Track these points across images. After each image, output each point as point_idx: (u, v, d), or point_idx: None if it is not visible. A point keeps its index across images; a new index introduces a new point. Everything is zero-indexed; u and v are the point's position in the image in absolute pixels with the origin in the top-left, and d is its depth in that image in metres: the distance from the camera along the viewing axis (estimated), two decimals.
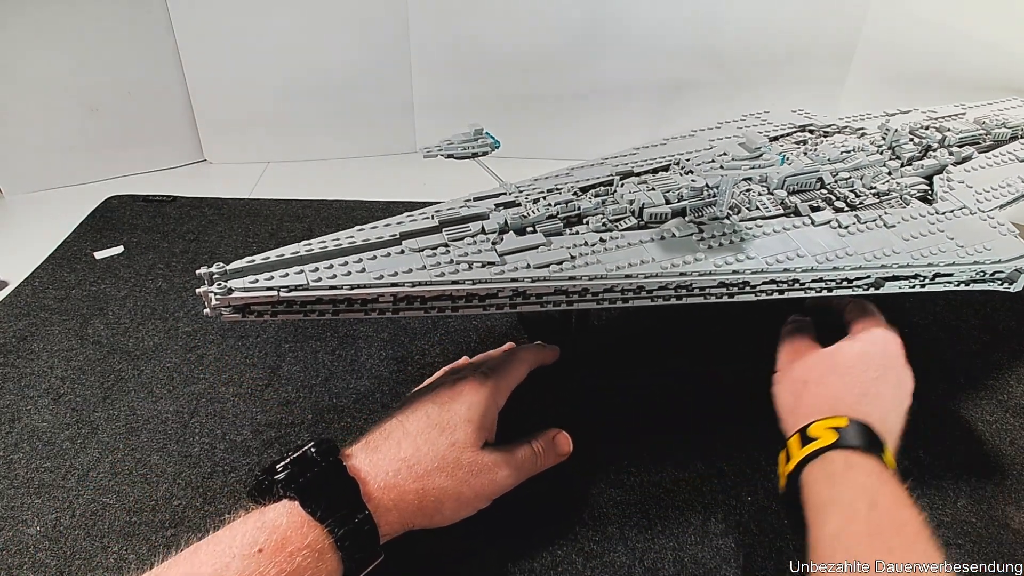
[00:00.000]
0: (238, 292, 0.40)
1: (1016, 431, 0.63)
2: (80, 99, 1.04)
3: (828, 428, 0.44)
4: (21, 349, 0.70)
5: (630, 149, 0.64)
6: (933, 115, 0.77)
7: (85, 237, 0.91)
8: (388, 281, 0.43)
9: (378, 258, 0.45)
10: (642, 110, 1.18)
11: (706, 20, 1.08)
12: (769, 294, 0.51)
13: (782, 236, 0.53)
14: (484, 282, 0.44)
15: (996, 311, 0.79)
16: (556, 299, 0.47)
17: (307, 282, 0.42)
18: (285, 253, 0.44)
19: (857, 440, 0.42)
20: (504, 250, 0.47)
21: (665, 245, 0.50)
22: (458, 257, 0.46)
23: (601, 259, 0.48)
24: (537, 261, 0.46)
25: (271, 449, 0.59)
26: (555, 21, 1.10)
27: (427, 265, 0.45)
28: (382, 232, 0.48)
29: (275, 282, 0.41)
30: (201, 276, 0.41)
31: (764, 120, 0.73)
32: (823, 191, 0.59)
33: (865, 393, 0.47)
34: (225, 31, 1.08)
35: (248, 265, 0.42)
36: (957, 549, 0.53)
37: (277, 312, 0.42)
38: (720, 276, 0.48)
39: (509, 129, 1.20)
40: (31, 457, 0.58)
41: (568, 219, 0.51)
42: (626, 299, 0.48)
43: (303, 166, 1.18)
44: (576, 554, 0.51)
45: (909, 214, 0.57)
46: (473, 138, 0.55)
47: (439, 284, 0.44)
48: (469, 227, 0.49)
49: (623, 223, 0.52)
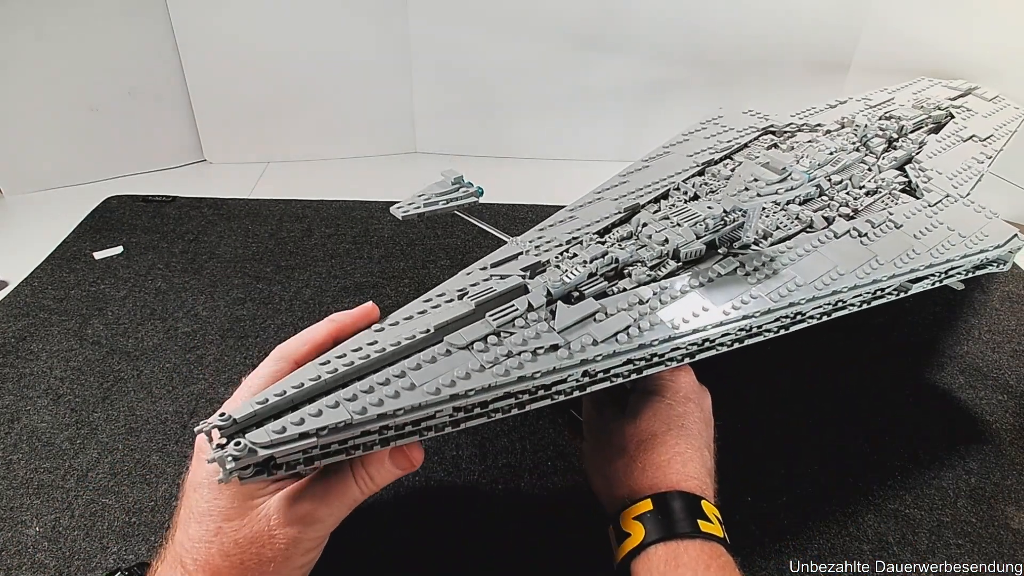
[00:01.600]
0: (262, 450, 0.32)
1: (1016, 431, 0.63)
2: (80, 99, 1.04)
3: (634, 520, 0.40)
4: (20, 349, 0.70)
5: (616, 178, 0.62)
6: (869, 102, 0.79)
7: (84, 237, 0.91)
8: (447, 395, 0.36)
9: (423, 367, 0.37)
10: (635, 110, 1.19)
11: (692, 23, 1.10)
12: (819, 318, 0.49)
13: (815, 256, 0.51)
14: (554, 372, 0.38)
15: (996, 310, 0.79)
16: (625, 370, 0.42)
17: (351, 417, 0.33)
18: (303, 382, 0.35)
19: (663, 529, 0.39)
20: (562, 326, 0.41)
21: (715, 287, 0.47)
22: (517, 347, 0.39)
23: (662, 318, 0.43)
24: (602, 334, 0.41)
25: None
26: (556, 21, 1.10)
27: (483, 364, 0.38)
28: (410, 328, 0.39)
29: (308, 425, 0.33)
30: (203, 433, 0.33)
31: (724, 126, 0.73)
32: (823, 198, 0.60)
33: (670, 453, 0.43)
34: (225, 31, 1.08)
35: (262, 408, 0.33)
36: (957, 549, 0.53)
37: (313, 459, 0.34)
38: (778, 312, 0.46)
39: (510, 129, 1.22)
40: (30, 458, 0.58)
41: (606, 274, 0.47)
42: (692, 354, 0.44)
43: (303, 166, 1.19)
44: (576, 554, 0.51)
45: (909, 210, 0.58)
46: (452, 188, 0.51)
47: (506, 385, 0.37)
48: (515, 306, 0.41)
49: (663, 268, 0.48)
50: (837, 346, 0.72)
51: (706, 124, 0.74)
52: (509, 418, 0.50)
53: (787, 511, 0.55)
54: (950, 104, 0.81)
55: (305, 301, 0.79)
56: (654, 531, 0.39)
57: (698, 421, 0.46)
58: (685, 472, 0.42)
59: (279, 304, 0.78)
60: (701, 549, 0.39)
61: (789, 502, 0.56)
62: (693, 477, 0.42)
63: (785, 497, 0.56)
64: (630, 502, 0.41)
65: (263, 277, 0.83)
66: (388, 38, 1.11)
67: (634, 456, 0.44)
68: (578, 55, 1.13)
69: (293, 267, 0.85)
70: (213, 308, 0.77)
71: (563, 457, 0.59)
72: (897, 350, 0.73)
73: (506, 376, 0.37)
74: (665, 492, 0.41)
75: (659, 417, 0.45)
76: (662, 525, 0.39)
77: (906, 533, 0.54)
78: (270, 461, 0.33)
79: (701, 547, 0.39)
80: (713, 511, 0.41)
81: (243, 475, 0.32)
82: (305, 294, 0.80)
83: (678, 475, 0.42)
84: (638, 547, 0.39)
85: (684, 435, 0.44)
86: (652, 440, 0.44)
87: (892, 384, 0.68)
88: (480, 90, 1.18)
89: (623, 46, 1.12)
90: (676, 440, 0.44)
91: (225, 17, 1.06)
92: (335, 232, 0.93)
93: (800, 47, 1.11)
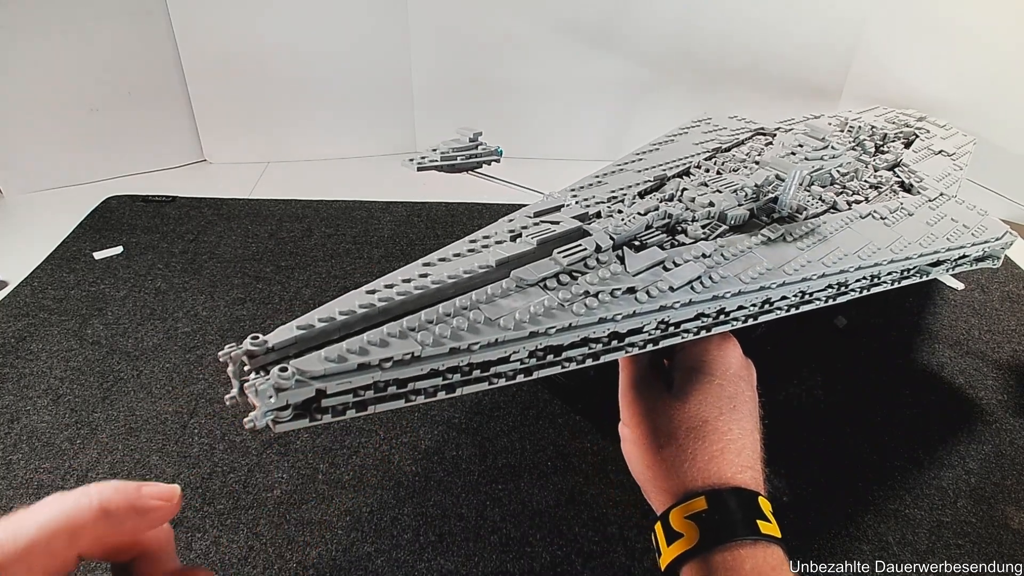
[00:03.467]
0: (314, 381, 0.26)
1: (1016, 431, 0.63)
2: (80, 99, 1.04)
3: (687, 519, 0.37)
4: (20, 349, 0.70)
5: (631, 155, 0.63)
6: (842, 119, 0.82)
7: (84, 237, 0.91)
8: (528, 331, 0.32)
9: (496, 302, 0.33)
10: (631, 105, 1.19)
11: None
12: (859, 292, 0.49)
13: (849, 232, 0.51)
14: (634, 316, 0.36)
15: (996, 310, 0.79)
16: (695, 326, 0.40)
17: (420, 348, 0.29)
18: (354, 308, 0.30)
19: (720, 533, 0.36)
20: (635, 270, 0.39)
21: (770, 250, 0.46)
22: (594, 287, 0.36)
23: (730, 272, 0.42)
24: (678, 281, 0.39)
25: (270, 449, 0.59)
26: (556, 21, 1.10)
27: (561, 302, 0.35)
28: (468, 263, 0.36)
29: (372, 355, 0.28)
30: (230, 360, 0.27)
31: (716, 125, 0.74)
32: (836, 185, 0.61)
33: (723, 441, 0.40)
34: (225, 31, 1.08)
35: (306, 334, 0.28)
36: (957, 549, 0.53)
37: (365, 404, 0.29)
38: (831, 278, 0.46)
39: (509, 129, 1.22)
40: (30, 458, 0.58)
41: (660, 229, 0.46)
42: (755, 316, 0.43)
43: (303, 166, 1.18)
44: (576, 555, 0.51)
45: (916, 202, 0.59)
46: (470, 145, 0.47)
47: (588, 325, 0.34)
48: (583, 245, 0.39)
49: (713, 230, 0.47)
50: (837, 346, 0.72)
51: (698, 123, 0.75)
52: (519, 413, 0.50)
53: (787, 511, 0.55)
54: (915, 124, 0.85)
55: (305, 301, 0.79)
56: (711, 535, 0.36)
57: (749, 401, 0.43)
58: (740, 463, 0.40)
59: (279, 304, 0.78)
60: (763, 557, 0.36)
61: (789, 502, 0.56)
62: (748, 468, 0.40)
63: (785, 497, 0.56)
64: (682, 498, 0.39)
65: (263, 277, 0.83)
66: (388, 38, 1.11)
67: (683, 445, 0.40)
68: (578, 56, 1.13)
69: (293, 267, 0.85)
70: (213, 308, 0.77)
71: (563, 457, 0.59)
72: (896, 350, 0.73)
73: (588, 315, 0.34)
74: (721, 489, 0.38)
75: (710, 400, 0.42)
76: (719, 528, 0.37)
77: (906, 533, 0.54)
78: (315, 401, 0.27)
79: (763, 553, 0.36)
80: (768, 507, 0.39)
81: (280, 418, 0.26)
82: (305, 294, 0.80)
83: (732, 467, 0.39)
84: (693, 550, 0.37)
85: (736, 419, 0.41)
86: (704, 427, 0.41)
87: (891, 384, 0.68)
88: (480, 90, 1.18)
89: (622, 47, 1.12)
90: (728, 426, 0.41)
91: (225, 17, 1.06)
92: (335, 232, 0.93)
93: (791, 70, 1.14)
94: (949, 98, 1.01)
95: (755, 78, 1.14)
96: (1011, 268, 0.88)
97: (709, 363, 0.44)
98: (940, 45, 1.05)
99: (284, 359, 0.27)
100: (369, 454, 0.59)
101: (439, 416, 0.62)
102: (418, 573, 0.49)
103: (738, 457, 0.40)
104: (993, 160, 0.98)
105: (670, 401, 0.43)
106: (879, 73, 1.10)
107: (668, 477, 0.40)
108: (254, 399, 0.25)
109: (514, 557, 0.51)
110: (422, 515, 0.54)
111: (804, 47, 1.12)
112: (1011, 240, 0.58)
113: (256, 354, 0.27)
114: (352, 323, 0.30)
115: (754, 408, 0.44)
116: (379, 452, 0.59)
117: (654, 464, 0.42)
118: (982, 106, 1.01)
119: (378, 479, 0.56)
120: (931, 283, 0.73)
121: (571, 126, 1.22)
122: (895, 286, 0.52)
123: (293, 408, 0.26)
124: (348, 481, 0.56)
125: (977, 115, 0.98)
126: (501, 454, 0.59)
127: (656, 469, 0.41)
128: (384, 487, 0.56)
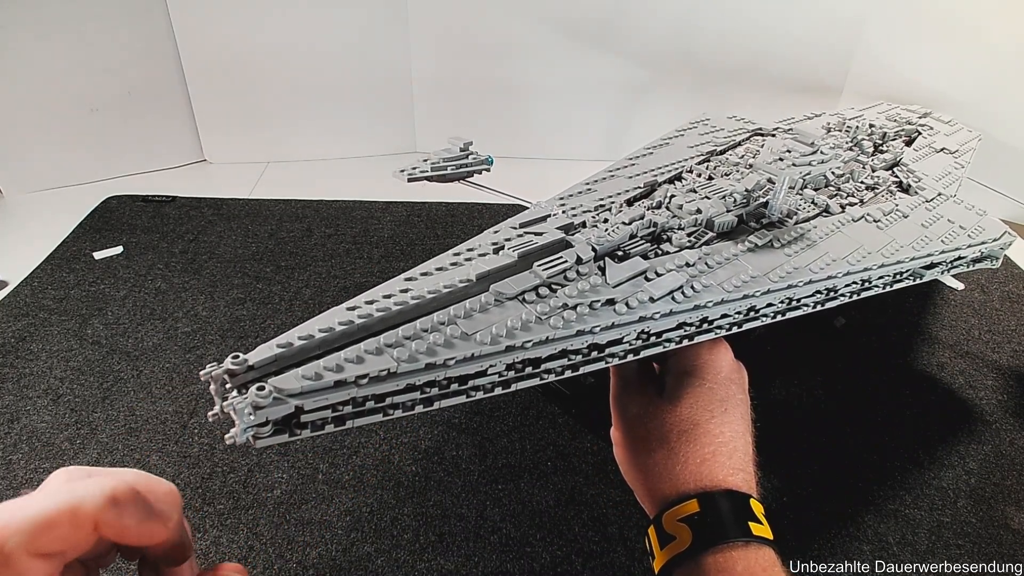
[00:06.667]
0: (291, 399, 0.27)
1: (1016, 431, 0.63)
2: (80, 99, 1.04)
3: (679, 522, 0.38)
4: (20, 349, 0.70)
5: (624, 160, 0.63)
6: (842, 116, 0.81)
7: (84, 237, 0.91)
8: (504, 345, 0.32)
9: (474, 315, 0.34)
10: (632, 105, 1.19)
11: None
12: (848, 297, 0.49)
13: (840, 236, 0.51)
14: (612, 327, 0.36)
15: (996, 310, 0.79)
16: (676, 336, 0.40)
17: (396, 365, 0.29)
18: (333, 326, 0.30)
19: (712, 535, 0.37)
20: (615, 281, 0.39)
21: (756, 257, 0.46)
22: (572, 299, 0.36)
23: (712, 281, 0.42)
24: (658, 291, 0.39)
25: (269, 449, 0.59)
26: (557, 23, 1.10)
27: (539, 315, 0.35)
28: (448, 277, 0.36)
29: (347, 372, 0.28)
30: (211, 379, 0.27)
31: (714, 127, 0.74)
32: (830, 188, 0.60)
33: (714, 443, 0.40)
34: (225, 31, 1.08)
35: (285, 352, 0.28)
36: (957, 549, 0.53)
37: (344, 419, 0.29)
38: (818, 284, 0.45)
39: (509, 129, 1.22)
40: (30, 458, 0.58)
41: (645, 238, 0.46)
42: (739, 323, 0.43)
43: (303, 166, 1.19)
44: (576, 555, 0.51)
45: (912, 203, 0.59)
46: (460, 155, 0.48)
47: (565, 338, 0.34)
48: (564, 257, 0.39)
49: (699, 237, 0.47)
50: (836, 346, 0.72)
51: (696, 124, 0.75)
52: (519, 413, 0.50)
53: (787, 511, 0.55)
54: (918, 121, 0.84)
55: (305, 301, 0.79)
56: (703, 537, 0.37)
57: (740, 404, 0.43)
58: (731, 465, 0.40)
59: (279, 304, 0.78)
60: (755, 558, 0.37)
61: (789, 502, 0.56)
62: (739, 470, 0.40)
63: (785, 497, 0.56)
64: (675, 500, 0.39)
65: (263, 277, 0.83)
66: (388, 39, 1.11)
67: (675, 448, 0.41)
68: (578, 56, 1.13)
69: (293, 267, 0.85)
70: (213, 308, 0.77)
71: (563, 457, 0.59)
72: (896, 350, 0.73)
73: (565, 328, 0.34)
74: (713, 492, 0.38)
75: (701, 403, 0.42)
76: (711, 530, 0.37)
77: (906, 533, 0.54)
78: (294, 417, 0.27)
79: (755, 555, 0.37)
80: (760, 509, 0.39)
81: (260, 434, 0.26)
82: (305, 294, 0.80)
83: (724, 469, 0.39)
84: (685, 553, 0.37)
85: (727, 422, 0.41)
86: (695, 430, 0.41)
87: (892, 384, 0.68)
88: (480, 90, 1.18)
89: (622, 47, 1.12)
90: (720, 429, 0.41)
91: (225, 17, 1.06)
92: (335, 232, 0.93)
93: (791, 68, 1.14)
94: (952, 94, 1.00)
95: (755, 77, 1.14)
96: (1011, 268, 0.88)
97: (700, 367, 0.44)
98: (941, 40, 1.04)
99: (264, 377, 0.28)
100: (369, 454, 0.59)
101: (439, 416, 0.62)
102: (418, 573, 0.49)
103: (729, 459, 0.40)
104: (998, 157, 0.97)
105: (661, 405, 0.43)
106: (880, 70, 1.10)
107: (660, 480, 0.40)
108: (234, 416, 0.26)
109: (514, 557, 0.51)
110: (422, 515, 0.54)
111: (804, 45, 1.12)
112: (1010, 240, 0.57)
113: (236, 372, 0.27)
114: (331, 340, 0.30)
115: (746, 411, 0.44)
116: (379, 452, 0.59)
117: (646, 467, 0.42)
118: (987, 102, 0.98)
119: (378, 479, 0.56)
120: (931, 283, 0.73)
121: (571, 126, 1.22)
122: (888, 290, 0.51)
123: (273, 424, 0.27)
124: (348, 481, 0.56)
125: (981, 111, 0.96)
126: (501, 454, 0.59)
127: (648, 472, 0.41)
128: (384, 487, 0.56)
